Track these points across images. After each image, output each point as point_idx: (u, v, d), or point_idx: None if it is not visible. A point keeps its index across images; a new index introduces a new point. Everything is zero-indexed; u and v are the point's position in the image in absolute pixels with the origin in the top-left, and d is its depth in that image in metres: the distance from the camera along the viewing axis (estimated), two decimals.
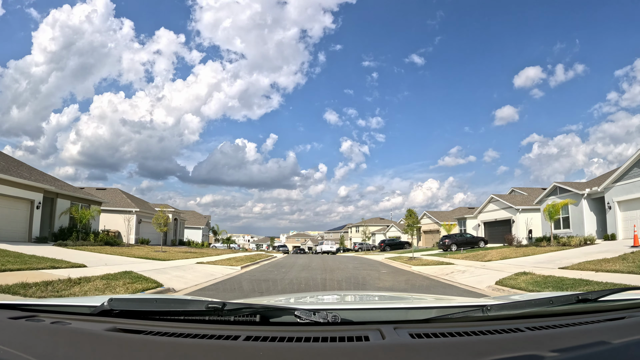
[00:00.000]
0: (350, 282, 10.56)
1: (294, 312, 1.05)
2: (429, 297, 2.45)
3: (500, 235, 29.12)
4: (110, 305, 1.11)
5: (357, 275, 12.39)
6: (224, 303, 1.06)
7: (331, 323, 1.04)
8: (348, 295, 2.64)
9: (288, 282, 10.01)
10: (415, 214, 28.58)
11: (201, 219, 51.58)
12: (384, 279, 11.24)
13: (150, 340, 0.93)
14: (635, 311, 1.22)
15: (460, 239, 28.16)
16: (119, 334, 0.98)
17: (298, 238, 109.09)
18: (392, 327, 1.02)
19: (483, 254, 19.37)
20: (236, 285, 9.45)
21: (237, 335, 0.94)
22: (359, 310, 1.37)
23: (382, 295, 2.45)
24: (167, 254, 18.55)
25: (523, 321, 1.10)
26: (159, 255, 16.76)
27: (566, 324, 1.08)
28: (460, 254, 21.60)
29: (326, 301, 2.15)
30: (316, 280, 10.56)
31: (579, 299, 1.23)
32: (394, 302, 1.88)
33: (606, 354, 0.87)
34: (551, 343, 0.92)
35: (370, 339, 0.93)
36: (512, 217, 29.94)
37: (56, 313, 1.18)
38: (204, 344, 0.90)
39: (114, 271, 8.86)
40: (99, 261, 11.89)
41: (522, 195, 33.01)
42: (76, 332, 1.01)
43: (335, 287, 9.28)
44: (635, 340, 0.94)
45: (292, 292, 7.99)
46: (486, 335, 0.98)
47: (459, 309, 1.19)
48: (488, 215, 33.56)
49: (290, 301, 1.89)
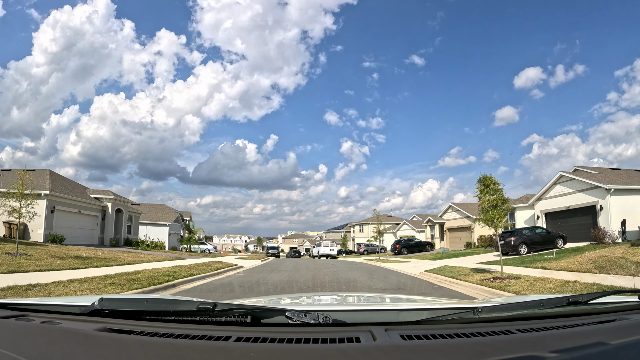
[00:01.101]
0: None
1: (285, 313, 1.04)
2: (420, 299, 2.46)
3: (574, 229, 21.23)
4: (101, 305, 1.10)
5: None
6: (215, 304, 1.05)
7: (322, 324, 1.03)
8: (340, 296, 2.63)
9: None
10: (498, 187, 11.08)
11: (169, 214, 41.62)
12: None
13: (141, 340, 0.93)
14: (625, 314, 1.22)
15: (533, 236, 18.21)
16: (109, 334, 0.97)
17: (296, 239, 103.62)
18: (384, 328, 1.02)
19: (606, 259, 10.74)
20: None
21: (228, 336, 0.95)
22: (351, 312, 1.35)
23: (373, 296, 2.71)
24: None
25: (514, 323, 1.11)
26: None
27: (557, 326, 1.08)
28: (557, 262, 12.53)
29: (318, 302, 2.15)
30: None
31: (570, 301, 1.24)
32: (385, 303, 2.00)
33: (597, 356, 0.88)
34: (542, 345, 0.92)
35: (361, 341, 0.93)
36: (599, 201, 19.95)
37: (46, 312, 1.17)
38: (195, 345, 0.90)
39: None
40: None
41: (601, 175, 22.93)
42: (66, 332, 1.00)
43: None
44: (626, 342, 0.95)
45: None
46: (477, 337, 0.98)
47: (450, 311, 1.19)
48: (554, 202, 23.53)
49: (282, 302, 1.92)
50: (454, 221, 37.55)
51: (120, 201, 29.42)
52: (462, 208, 36.45)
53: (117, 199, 28.80)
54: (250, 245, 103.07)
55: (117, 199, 28.81)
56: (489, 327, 1.05)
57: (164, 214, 41.17)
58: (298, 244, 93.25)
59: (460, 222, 36.28)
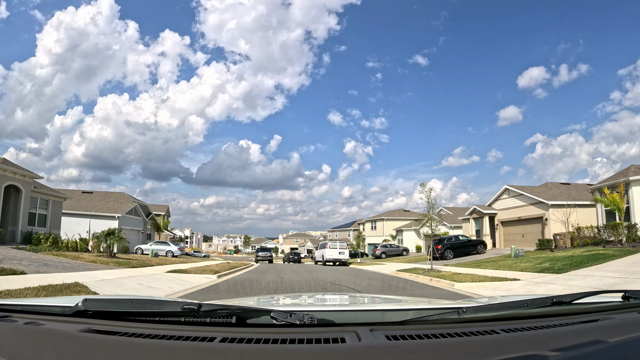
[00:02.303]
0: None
1: (270, 314, 1.04)
2: (406, 299, 2.44)
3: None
4: (85, 306, 1.09)
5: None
6: (199, 304, 1.04)
7: (307, 324, 1.02)
8: (325, 297, 2.64)
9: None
10: None
11: (124, 204, 31.32)
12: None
13: (125, 341, 0.92)
14: (608, 313, 1.22)
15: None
16: (93, 335, 0.96)
17: (297, 239, 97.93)
18: (369, 328, 1.02)
19: None
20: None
21: (213, 337, 0.94)
22: (336, 312, 1.36)
23: (359, 296, 2.59)
24: None
25: (499, 323, 1.11)
26: None
27: (541, 326, 1.08)
28: None
29: (303, 302, 2.13)
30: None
31: (554, 301, 1.24)
32: (370, 303, 2.01)
33: (580, 356, 0.88)
34: (526, 345, 0.93)
35: (346, 341, 0.93)
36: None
37: (30, 313, 1.15)
38: (180, 346, 0.90)
39: None
40: None
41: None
42: (50, 333, 0.99)
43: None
44: (609, 342, 0.95)
45: None
46: (462, 337, 0.98)
47: (435, 311, 1.18)
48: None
49: (268, 302, 1.92)
50: (511, 211, 27.11)
51: (16, 174, 18.71)
52: (527, 192, 25.96)
53: (8, 170, 18.17)
54: (249, 247, 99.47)
55: (8, 169, 18.17)
56: (473, 327, 1.05)
57: (117, 204, 30.93)
58: (299, 245, 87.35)
59: (524, 212, 25.83)
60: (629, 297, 1.29)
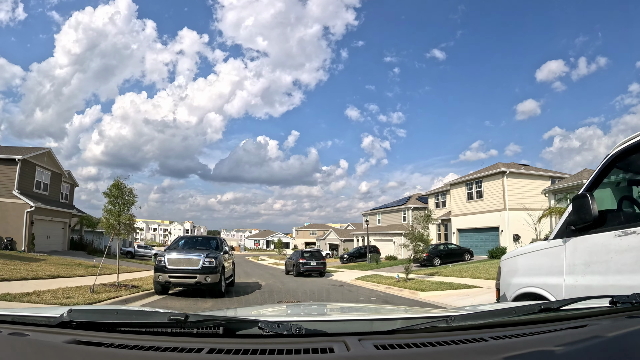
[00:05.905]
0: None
1: (258, 324, 1.03)
2: (394, 309, 2.46)
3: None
4: (70, 317, 1.08)
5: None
6: (186, 315, 1.04)
7: (296, 335, 1.02)
8: (314, 307, 2.61)
9: None
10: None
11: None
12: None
13: (111, 353, 0.91)
14: (596, 319, 1.22)
15: None
16: (78, 346, 0.95)
17: (314, 230, 72.31)
18: (357, 338, 1.01)
19: None
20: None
21: (200, 348, 0.93)
22: (324, 322, 1.35)
23: (347, 306, 2.64)
24: None
25: (487, 331, 1.10)
26: None
27: (529, 333, 1.08)
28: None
29: (291, 313, 2.12)
30: None
31: (542, 308, 1.26)
32: (359, 313, 2.00)
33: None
34: (515, 351, 0.92)
35: (335, 351, 0.93)
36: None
37: (14, 324, 1.14)
38: (166, 357, 0.89)
39: None
40: None
41: None
42: (34, 344, 0.97)
43: None
44: (597, 347, 0.96)
45: None
46: (450, 345, 0.97)
47: (423, 320, 1.19)
48: None
49: (256, 312, 1.91)
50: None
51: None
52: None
53: None
54: (262, 240, 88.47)
55: None
56: (462, 335, 1.05)
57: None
58: (317, 238, 63.16)
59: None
60: (616, 302, 1.29)
